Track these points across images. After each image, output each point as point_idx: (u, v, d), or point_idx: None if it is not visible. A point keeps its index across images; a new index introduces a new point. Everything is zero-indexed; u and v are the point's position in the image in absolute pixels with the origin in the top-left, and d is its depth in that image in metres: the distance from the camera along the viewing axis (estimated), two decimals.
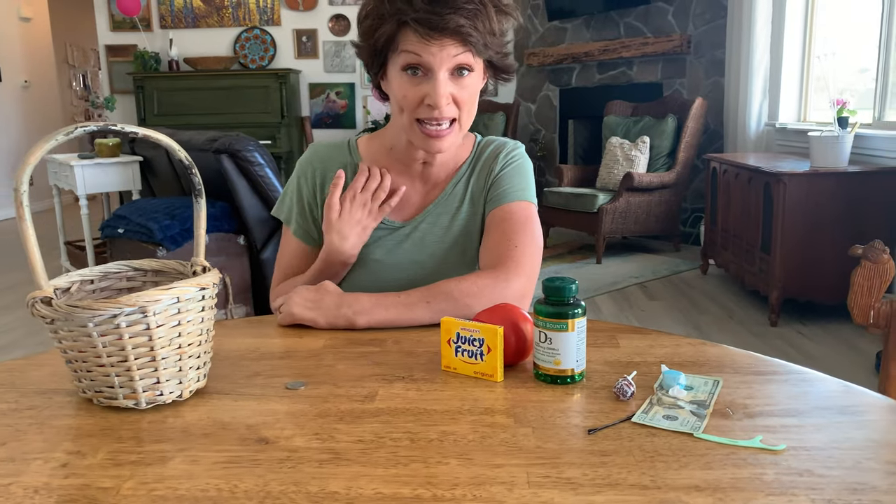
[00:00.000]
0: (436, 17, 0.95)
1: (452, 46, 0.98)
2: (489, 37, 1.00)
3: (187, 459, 0.64)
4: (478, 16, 0.98)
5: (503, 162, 1.15)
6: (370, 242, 1.14)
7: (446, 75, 1.00)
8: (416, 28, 0.97)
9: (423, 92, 1.00)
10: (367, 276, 1.14)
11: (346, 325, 0.97)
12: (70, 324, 0.71)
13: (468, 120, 1.06)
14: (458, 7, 0.96)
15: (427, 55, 0.98)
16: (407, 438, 0.67)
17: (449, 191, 1.16)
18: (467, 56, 1.00)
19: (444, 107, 1.00)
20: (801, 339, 3.02)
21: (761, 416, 0.70)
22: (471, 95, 1.04)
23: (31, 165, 0.69)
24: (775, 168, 3.18)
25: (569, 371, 0.79)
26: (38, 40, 7.66)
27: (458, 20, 0.96)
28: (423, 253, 1.15)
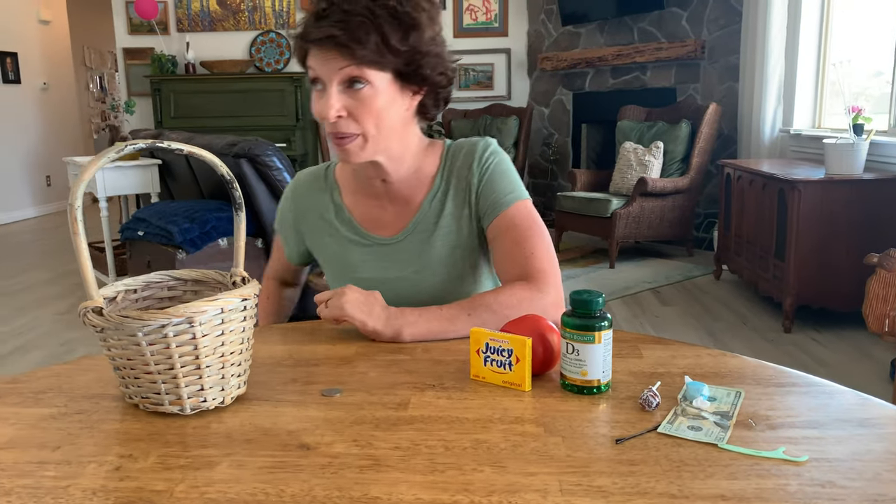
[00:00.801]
0: (316, 30, 0.99)
1: (335, 59, 0.99)
2: (385, 49, 0.99)
3: (234, 464, 0.67)
4: (362, 28, 0.97)
5: (480, 170, 1.14)
6: (357, 263, 1.17)
7: (338, 88, 1.01)
8: (302, 44, 1.02)
9: (320, 106, 1.02)
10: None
11: (393, 337, 0.99)
12: (120, 333, 0.74)
13: (378, 135, 1.04)
14: (340, 20, 0.97)
15: (318, 68, 1.01)
16: (442, 446, 0.70)
17: (427, 206, 1.16)
18: (353, 69, 0.99)
19: (332, 118, 1.01)
20: (816, 346, 3.03)
21: (783, 428, 0.73)
22: (371, 110, 1.02)
23: (85, 181, 0.72)
24: (790, 175, 3.19)
25: (595, 382, 0.81)
26: (56, 43, 7.76)
27: (332, 31, 0.97)
28: (407, 269, 1.16)
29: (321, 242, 1.22)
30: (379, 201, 1.17)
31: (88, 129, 8.77)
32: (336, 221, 1.19)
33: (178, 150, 0.79)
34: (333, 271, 1.22)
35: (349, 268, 1.18)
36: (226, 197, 3.41)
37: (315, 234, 1.22)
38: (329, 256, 1.22)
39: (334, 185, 1.21)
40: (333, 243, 1.20)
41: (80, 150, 8.19)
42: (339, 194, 1.20)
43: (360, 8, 0.98)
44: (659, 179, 4.41)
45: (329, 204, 1.20)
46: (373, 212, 1.18)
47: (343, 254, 1.19)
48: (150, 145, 0.77)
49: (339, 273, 1.20)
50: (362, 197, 1.18)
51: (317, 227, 1.22)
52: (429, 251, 1.15)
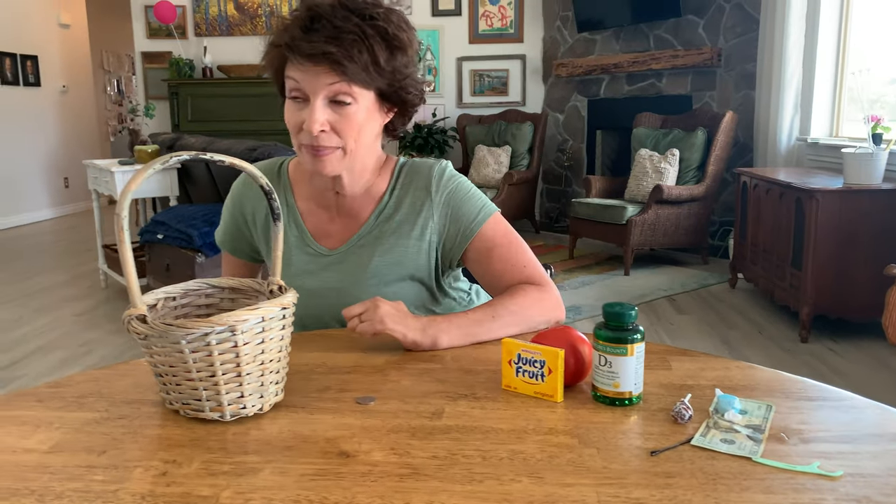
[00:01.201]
0: (306, 44, 0.99)
1: (326, 74, 1.00)
2: (373, 68, 1.01)
3: (276, 471, 0.69)
4: (355, 45, 0.99)
5: (439, 195, 1.15)
6: (298, 269, 1.17)
7: (323, 102, 1.02)
8: (289, 55, 1.01)
9: (301, 118, 1.03)
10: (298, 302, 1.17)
11: (431, 346, 1.00)
12: (163, 340, 0.76)
13: (356, 149, 1.07)
14: (332, 36, 0.98)
15: (303, 82, 1.01)
16: (479, 456, 0.71)
17: (372, 222, 1.16)
18: (343, 86, 1.01)
19: (316, 132, 1.02)
20: (833, 356, 3.02)
21: (816, 442, 0.73)
22: (353, 125, 1.04)
23: (131, 193, 0.74)
24: (808, 184, 3.18)
25: (627, 394, 0.82)
26: (76, 47, 7.85)
27: (328, 48, 0.98)
28: (344, 281, 1.16)
29: (267, 240, 1.21)
30: (328, 212, 1.18)
31: (106, 131, 8.86)
32: (286, 222, 1.19)
33: (220, 161, 0.81)
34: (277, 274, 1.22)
35: (288, 274, 1.17)
36: None
37: (263, 230, 1.21)
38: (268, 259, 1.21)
39: (287, 185, 1.21)
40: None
41: (97, 153, 8.27)
42: (293, 195, 1.20)
43: (352, 26, 0.99)
44: (675, 187, 4.40)
45: (282, 203, 1.19)
46: (321, 221, 1.19)
47: (286, 259, 1.18)
48: (194, 157, 0.78)
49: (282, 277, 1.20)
50: (314, 205, 1.19)
51: (262, 223, 1.21)
52: (368, 265, 1.15)
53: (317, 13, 1.00)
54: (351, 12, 1.00)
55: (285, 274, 1.17)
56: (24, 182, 6.99)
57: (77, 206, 7.85)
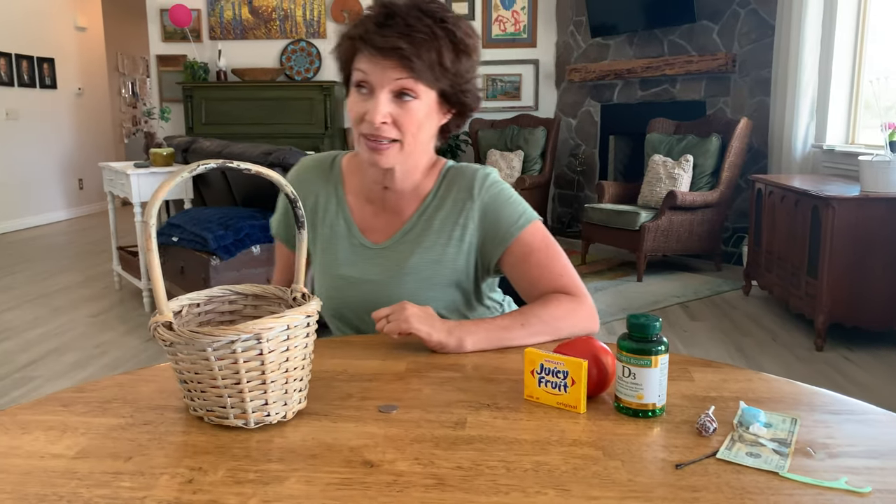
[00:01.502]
0: (380, 38, 1.03)
1: (394, 69, 1.04)
2: (439, 69, 1.06)
3: (302, 479, 0.69)
4: (425, 45, 1.03)
5: (481, 199, 1.17)
6: (341, 259, 1.20)
7: (388, 96, 1.05)
8: (362, 47, 1.05)
9: (365, 108, 1.06)
10: (332, 289, 1.21)
11: (456, 347, 1.02)
12: (189, 348, 0.76)
13: (413, 145, 1.10)
14: (404, 33, 1.03)
15: (371, 74, 1.05)
16: (503, 467, 0.71)
17: (414, 221, 1.19)
18: (409, 81, 1.05)
19: (378, 123, 1.05)
20: (849, 365, 2.99)
21: (843, 457, 0.73)
22: (414, 121, 1.07)
23: (160, 200, 0.75)
24: (824, 192, 3.16)
25: (651, 405, 0.82)
26: (92, 49, 7.91)
27: (399, 43, 1.02)
28: (384, 275, 1.18)
29: (315, 231, 1.24)
30: (373, 207, 1.21)
31: (120, 133, 8.93)
32: (334, 213, 1.22)
33: (247, 170, 0.81)
34: (318, 262, 1.25)
35: (334, 262, 1.21)
36: (258, 205, 3.46)
37: (311, 218, 1.24)
38: (318, 247, 1.24)
39: (339, 179, 1.24)
40: (326, 235, 1.22)
41: (111, 155, 8.33)
42: (343, 189, 1.23)
43: (423, 26, 1.03)
44: (688, 193, 4.39)
45: (332, 195, 1.23)
46: (367, 215, 1.22)
47: (332, 248, 1.22)
48: (221, 165, 0.79)
49: (324, 266, 1.23)
50: (362, 199, 1.22)
51: (314, 212, 1.24)
52: (407, 261, 1.18)
53: (392, 11, 1.04)
54: (424, 14, 1.04)
55: (330, 263, 1.21)
56: (39, 183, 7.05)
57: (91, 207, 7.91)
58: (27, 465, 0.72)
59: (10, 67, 6.55)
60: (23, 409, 0.85)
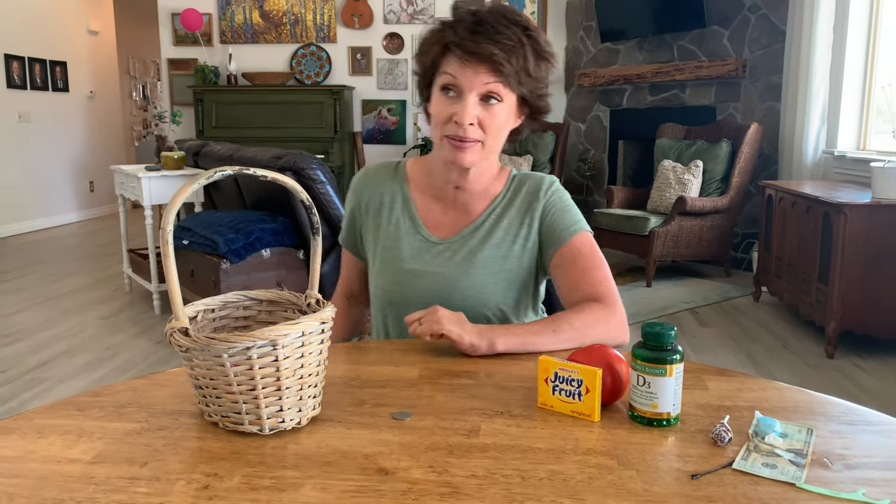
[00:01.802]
0: (473, 43, 1.09)
1: (485, 73, 1.10)
2: (523, 74, 1.12)
3: (317, 487, 0.69)
4: (513, 51, 1.10)
5: (546, 200, 1.24)
6: (405, 253, 1.24)
7: (475, 99, 1.11)
8: (455, 51, 1.10)
9: (452, 110, 1.12)
10: (395, 282, 1.24)
11: (488, 349, 1.03)
12: (205, 354, 0.76)
13: (493, 146, 1.16)
14: (495, 40, 1.09)
15: (462, 77, 1.10)
16: (518, 476, 0.71)
17: (484, 217, 1.25)
18: (497, 86, 1.11)
19: (466, 124, 1.11)
20: (860, 373, 2.97)
21: (861, 468, 0.72)
22: (497, 123, 1.14)
23: (176, 206, 0.75)
24: (835, 198, 3.14)
25: (665, 414, 0.82)
26: (104, 53, 7.97)
27: (493, 50, 1.08)
28: (451, 268, 1.22)
29: (378, 230, 1.27)
30: (443, 205, 1.26)
31: (131, 136, 8.98)
32: (399, 210, 1.27)
33: (263, 176, 0.82)
34: (378, 262, 1.27)
35: (397, 257, 1.24)
36: (269, 208, 3.47)
37: (375, 218, 1.28)
38: (380, 246, 1.27)
39: (404, 179, 1.29)
40: (390, 231, 1.26)
41: (121, 158, 8.38)
42: (408, 187, 1.28)
43: (511, 33, 1.10)
44: (698, 198, 4.37)
45: (398, 193, 1.28)
46: (434, 213, 1.26)
47: (395, 243, 1.25)
48: (238, 172, 0.79)
49: (384, 263, 1.25)
50: (429, 197, 1.27)
51: (378, 212, 1.28)
52: (477, 254, 1.22)
53: (481, 18, 1.10)
54: (511, 22, 1.11)
55: (394, 258, 1.24)
56: (51, 185, 7.10)
57: (102, 209, 7.96)
58: (44, 469, 0.72)
59: (23, 70, 6.61)
60: (38, 413, 0.86)
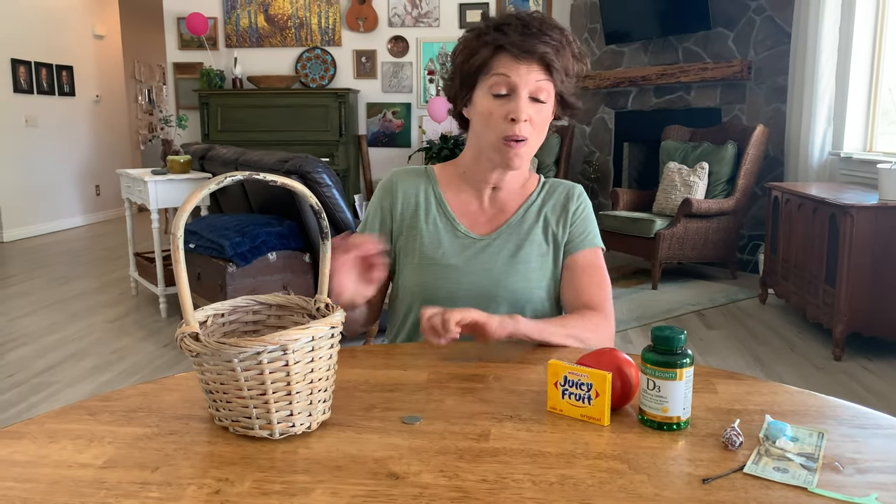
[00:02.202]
0: (527, 43, 1.15)
1: (537, 72, 1.16)
2: (565, 72, 1.19)
3: (328, 491, 0.69)
4: (560, 51, 1.17)
5: (577, 205, 1.30)
6: (447, 251, 1.27)
7: (528, 96, 1.16)
8: (509, 50, 1.15)
9: (507, 109, 1.17)
10: (440, 279, 1.25)
11: (512, 333, 1.09)
12: (216, 358, 0.77)
13: (536, 144, 1.21)
14: (545, 41, 1.16)
15: (515, 76, 1.15)
16: (528, 480, 0.71)
17: (521, 214, 1.29)
18: (548, 84, 1.17)
19: (522, 121, 1.15)
20: (868, 375, 2.96)
21: (872, 472, 0.72)
22: (543, 121, 1.20)
23: (187, 212, 0.75)
24: (842, 200, 3.13)
25: (675, 418, 0.82)
26: (109, 57, 8.00)
27: (545, 49, 1.15)
28: (493, 264, 1.26)
29: (414, 228, 1.29)
30: (479, 204, 1.30)
31: (136, 140, 9.01)
32: (434, 209, 1.30)
33: (273, 181, 0.82)
34: (416, 260, 1.27)
35: (438, 253, 1.26)
36: (275, 212, 3.48)
37: (412, 218, 1.30)
38: (417, 243, 1.28)
39: (434, 180, 1.33)
40: (427, 230, 1.28)
41: (127, 162, 8.41)
42: (439, 188, 1.32)
43: (556, 34, 1.17)
44: (704, 201, 4.37)
45: (430, 193, 1.31)
46: (469, 211, 1.30)
47: (435, 240, 1.28)
48: (248, 177, 0.80)
49: (425, 260, 1.26)
50: (464, 196, 1.31)
51: (414, 213, 1.30)
52: (520, 251, 1.26)
53: (527, 22, 1.16)
54: (552, 25, 1.18)
55: (435, 255, 1.27)
56: (57, 189, 7.13)
57: (108, 213, 7.99)
58: (55, 474, 0.72)
59: (29, 75, 6.64)
60: (49, 417, 0.86)
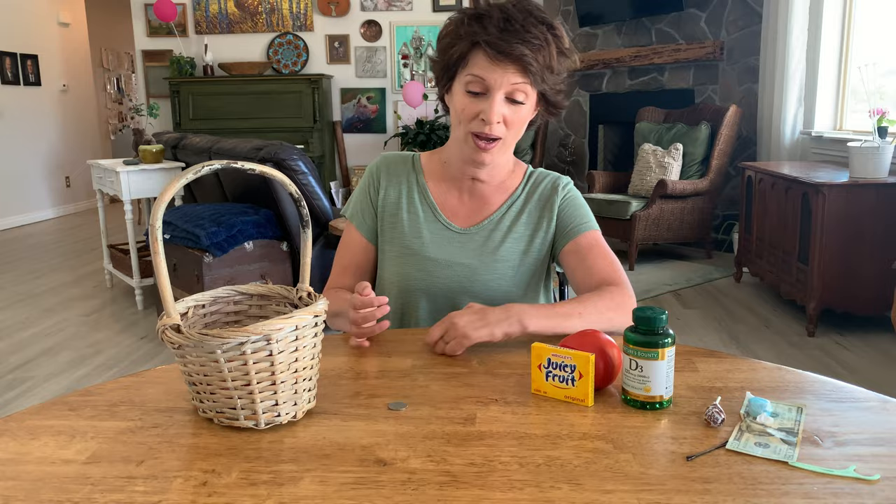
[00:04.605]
0: (504, 43, 1.09)
1: (514, 73, 1.10)
2: (547, 72, 1.13)
3: (316, 480, 0.69)
4: (541, 50, 1.10)
5: (563, 196, 1.28)
6: (428, 242, 1.25)
7: (502, 97, 1.12)
8: (485, 50, 1.10)
9: (479, 108, 1.13)
10: (419, 270, 1.25)
11: (520, 332, 1.03)
12: (199, 350, 0.76)
13: (512, 142, 1.19)
14: (525, 39, 1.09)
15: (490, 76, 1.11)
16: (515, 462, 0.72)
17: (504, 210, 1.27)
18: (525, 85, 1.12)
19: (494, 123, 1.12)
20: (841, 350, 3.03)
21: (851, 445, 0.74)
22: (519, 120, 1.16)
23: (165, 202, 0.74)
24: (814, 178, 3.18)
25: (658, 398, 0.83)
26: (75, 45, 7.82)
27: (523, 50, 1.09)
28: (473, 258, 1.25)
29: (396, 217, 1.28)
30: (460, 195, 1.28)
31: (106, 130, 8.84)
32: (417, 200, 1.28)
33: (251, 170, 0.81)
34: (397, 249, 1.26)
35: (418, 244, 1.25)
36: (250, 200, 3.44)
37: (392, 206, 1.28)
38: (398, 233, 1.27)
39: (419, 170, 1.31)
40: (409, 219, 1.27)
41: (98, 152, 8.26)
42: (424, 177, 1.30)
43: (539, 32, 1.10)
44: (678, 181, 4.40)
45: (413, 183, 1.30)
46: (452, 202, 1.28)
47: (416, 231, 1.26)
48: (226, 166, 0.78)
49: (405, 250, 1.25)
50: (446, 187, 1.29)
51: (395, 201, 1.29)
52: (498, 248, 1.25)
53: (509, 15, 1.09)
54: (537, 20, 1.11)
55: (418, 246, 1.25)
56: (26, 182, 6.98)
57: (79, 205, 7.84)
58: (39, 471, 0.71)
59: None
60: (29, 413, 0.85)
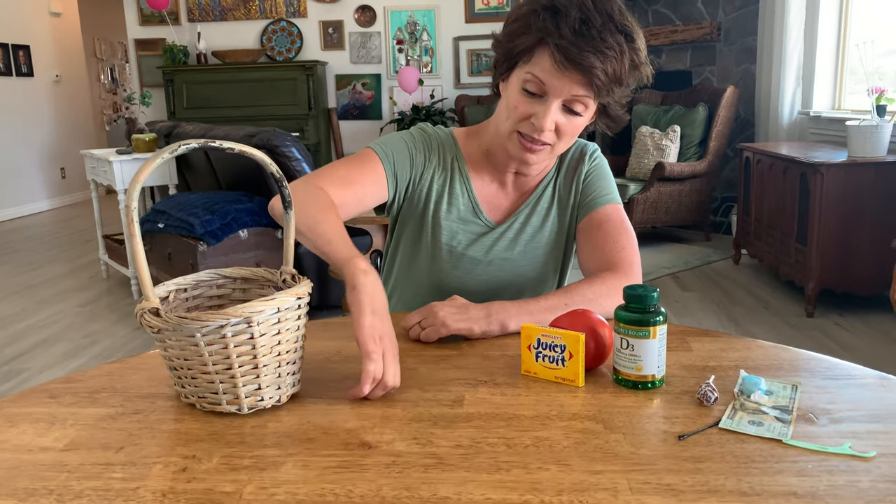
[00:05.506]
0: (575, 49, 0.98)
1: (578, 85, 1.01)
2: (615, 84, 1.02)
3: (298, 464, 0.67)
4: (611, 63, 1.00)
5: (589, 165, 1.22)
6: (465, 241, 1.20)
7: (559, 105, 1.04)
8: (553, 52, 0.99)
9: (532, 111, 1.05)
10: (460, 270, 1.20)
11: (501, 331, 0.98)
12: (178, 334, 0.74)
13: (562, 148, 1.12)
14: (598, 49, 0.98)
15: (551, 81, 1.01)
16: (503, 444, 0.70)
17: (539, 193, 1.22)
18: (586, 98, 1.03)
19: (546, 132, 1.05)
20: (840, 330, 3.01)
21: (846, 422, 0.72)
22: (573, 130, 1.08)
23: (140, 184, 0.72)
24: (812, 158, 3.15)
25: (650, 377, 0.81)
26: (68, 35, 7.76)
27: (594, 62, 0.98)
28: (513, 251, 1.21)
29: (435, 206, 1.19)
30: (503, 187, 1.23)
31: (101, 120, 8.79)
32: (458, 192, 1.20)
33: (230, 149, 0.79)
34: (430, 243, 1.20)
35: (455, 242, 1.19)
36: (244, 188, 3.42)
37: (435, 193, 1.19)
38: (435, 225, 1.19)
39: (458, 152, 1.22)
40: (447, 214, 1.19)
41: (92, 143, 8.21)
42: (466, 166, 1.22)
43: (615, 42, 0.99)
44: (676, 164, 4.38)
45: (456, 169, 1.21)
46: (491, 194, 1.22)
47: (454, 228, 1.20)
48: (203, 145, 0.76)
49: (440, 246, 1.19)
50: (489, 178, 1.22)
51: (440, 189, 1.19)
52: (535, 237, 1.21)
53: (587, 17, 0.98)
54: (617, 29, 1.00)
55: (454, 242, 1.20)
56: (20, 173, 6.95)
57: (74, 196, 7.81)
58: (15, 458, 0.70)
59: None
60: (9, 401, 0.83)
